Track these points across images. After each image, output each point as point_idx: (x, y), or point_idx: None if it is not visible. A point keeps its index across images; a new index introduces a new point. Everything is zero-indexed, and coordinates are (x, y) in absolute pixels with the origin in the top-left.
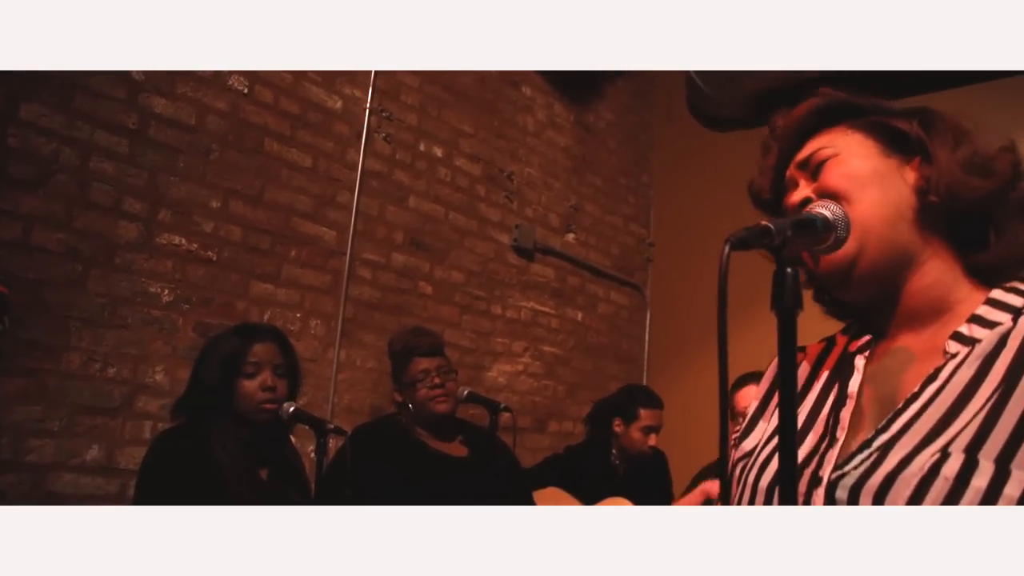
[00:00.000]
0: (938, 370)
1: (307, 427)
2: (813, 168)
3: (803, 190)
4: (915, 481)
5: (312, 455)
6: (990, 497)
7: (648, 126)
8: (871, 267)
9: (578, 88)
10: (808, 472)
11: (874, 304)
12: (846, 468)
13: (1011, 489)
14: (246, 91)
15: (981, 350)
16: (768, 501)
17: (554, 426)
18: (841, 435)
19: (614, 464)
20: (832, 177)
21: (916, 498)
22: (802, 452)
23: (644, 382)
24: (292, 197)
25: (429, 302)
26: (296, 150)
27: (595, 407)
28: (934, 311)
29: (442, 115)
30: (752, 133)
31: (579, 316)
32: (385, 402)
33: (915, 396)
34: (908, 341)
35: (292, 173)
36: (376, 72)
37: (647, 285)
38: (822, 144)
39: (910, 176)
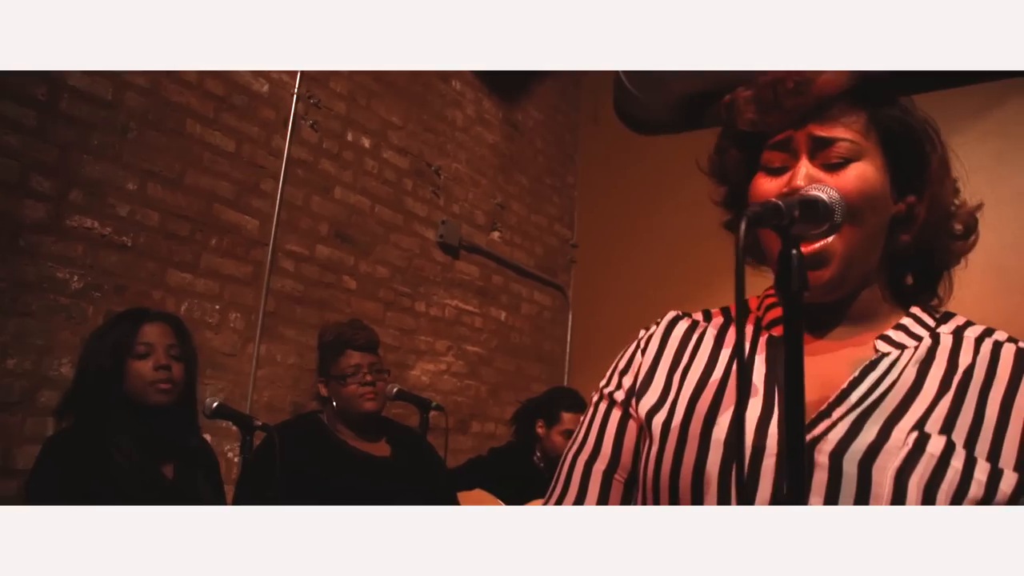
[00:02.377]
0: (874, 363)
1: (226, 425)
2: (830, 159)
3: (808, 173)
4: (903, 453)
5: (229, 455)
6: (965, 479)
7: (574, 127)
8: (839, 287)
9: (507, 85)
10: (774, 435)
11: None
12: (814, 433)
13: (979, 474)
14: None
15: (916, 357)
16: (728, 454)
17: (476, 427)
18: None
19: (538, 466)
20: (853, 189)
21: (904, 470)
22: (750, 420)
23: (565, 384)
24: (214, 182)
25: (353, 297)
26: (219, 133)
27: (520, 408)
28: (861, 317)
29: (371, 105)
30: (677, 138)
31: (502, 316)
32: (306, 399)
33: (858, 380)
34: (835, 336)
35: (214, 157)
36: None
37: (570, 286)
38: (846, 134)
39: (894, 208)
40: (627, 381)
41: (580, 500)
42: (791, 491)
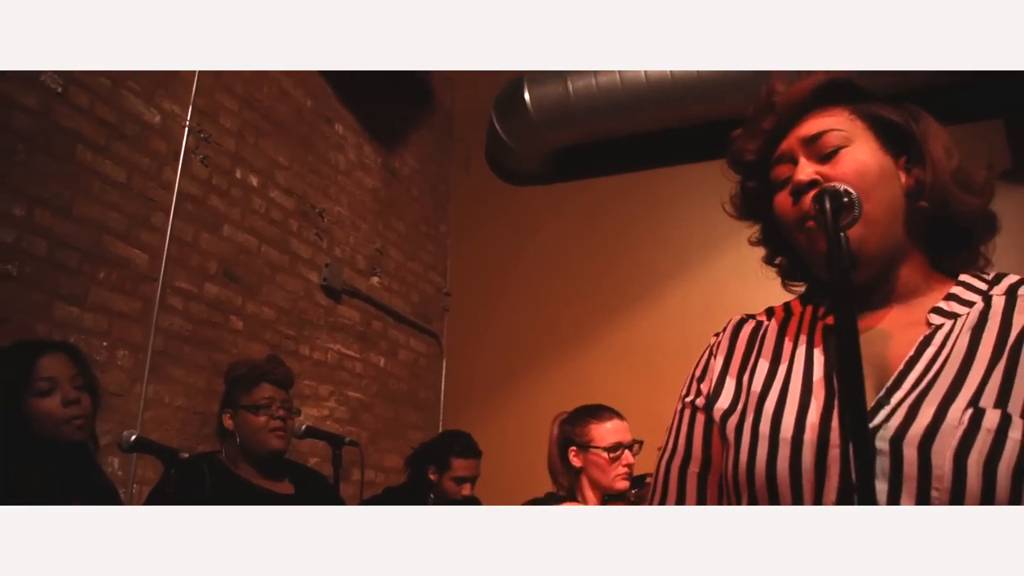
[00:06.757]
0: (928, 338)
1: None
2: (823, 151)
3: (807, 168)
4: (959, 432)
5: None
6: None
7: (447, 176)
8: (870, 263)
9: (385, 131)
10: (835, 427)
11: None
12: (876, 421)
13: None
14: (60, 90)
15: (968, 323)
16: (796, 450)
17: (357, 474)
18: None
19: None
20: (847, 170)
21: (963, 449)
22: (813, 414)
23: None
24: (104, 213)
25: (240, 338)
26: (110, 162)
27: (414, 452)
28: (909, 294)
29: (259, 143)
30: (548, 189)
31: (381, 362)
32: (194, 443)
33: (914, 359)
34: (887, 316)
35: (105, 187)
36: (196, 90)
37: (443, 334)
38: (831, 125)
39: (901, 178)
40: (704, 387)
41: (679, 503)
42: (858, 479)
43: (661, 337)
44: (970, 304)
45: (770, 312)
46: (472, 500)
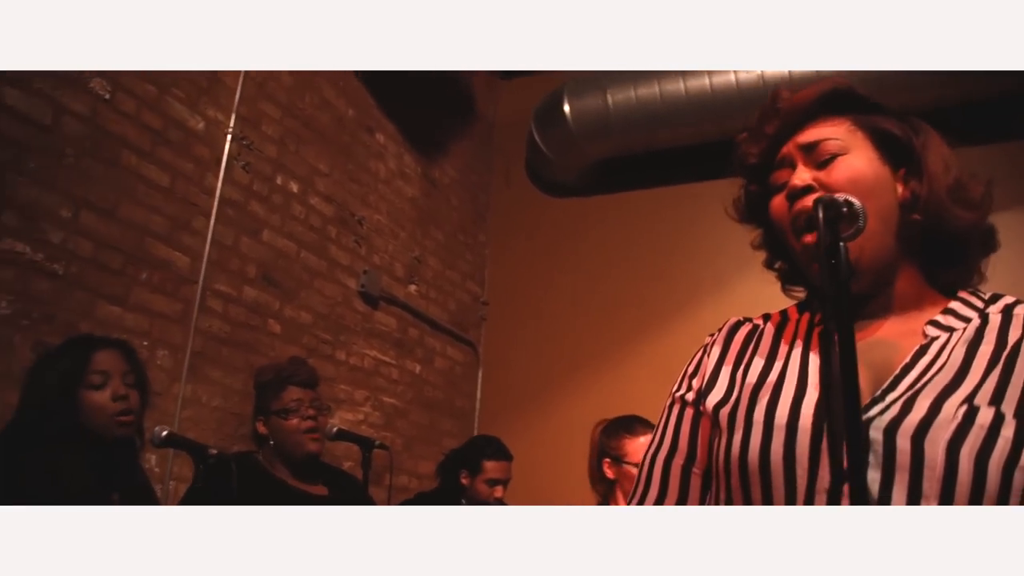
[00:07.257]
0: (924, 347)
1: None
2: (820, 158)
3: (803, 174)
4: (953, 426)
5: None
6: (1016, 447)
7: (487, 187)
8: (864, 273)
9: (426, 141)
10: (830, 416)
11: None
12: (870, 413)
13: None
14: (107, 96)
15: (965, 337)
16: (791, 436)
17: (388, 479)
18: None
19: None
20: (841, 177)
21: (956, 442)
22: (808, 405)
23: None
24: (147, 216)
25: (277, 341)
26: (155, 167)
27: (445, 457)
28: (905, 307)
29: (300, 151)
30: (586, 201)
31: (417, 369)
32: (229, 443)
33: (910, 365)
34: (883, 327)
35: (149, 191)
36: (239, 98)
37: (480, 343)
38: (829, 134)
39: (898, 189)
40: (696, 383)
41: (661, 495)
42: (851, 468)
43: None
44: (967, 320)
45: (767, 317)
46: (501, 503)
